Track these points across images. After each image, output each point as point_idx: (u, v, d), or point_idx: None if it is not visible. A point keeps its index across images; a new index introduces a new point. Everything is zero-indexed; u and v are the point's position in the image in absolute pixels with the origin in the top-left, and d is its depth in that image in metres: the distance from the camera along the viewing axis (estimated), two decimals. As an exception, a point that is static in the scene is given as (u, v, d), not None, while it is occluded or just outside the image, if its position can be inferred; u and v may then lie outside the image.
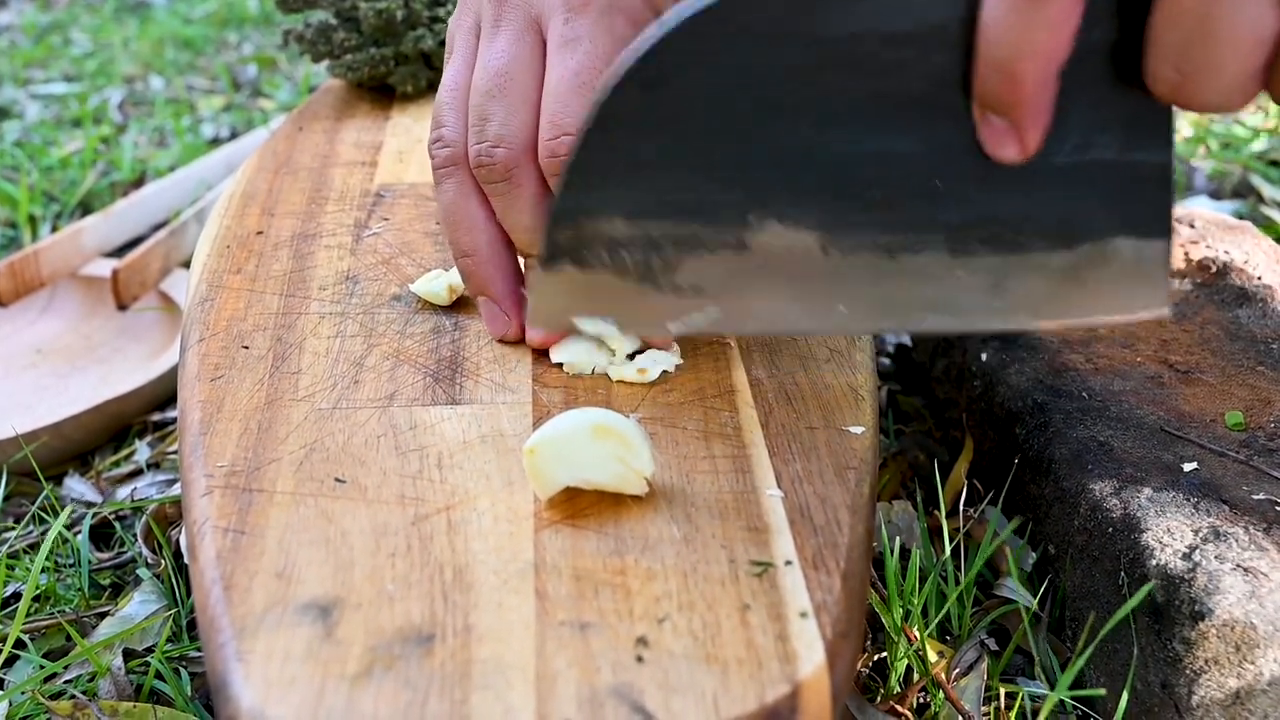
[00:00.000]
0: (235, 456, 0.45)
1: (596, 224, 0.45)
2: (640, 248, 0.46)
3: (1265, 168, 1.13)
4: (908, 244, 0.45)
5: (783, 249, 0.45)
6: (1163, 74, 0.38)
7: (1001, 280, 0.45)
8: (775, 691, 0.35)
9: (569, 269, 0.46)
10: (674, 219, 0.45)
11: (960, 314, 0.46)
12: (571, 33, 0.50)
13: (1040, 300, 0.46)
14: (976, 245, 0.45)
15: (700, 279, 0.46)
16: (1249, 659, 0.44)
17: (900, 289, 0.46)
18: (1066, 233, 0.45)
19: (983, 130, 0.42)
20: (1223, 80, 0.37)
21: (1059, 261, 0.45)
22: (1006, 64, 0.39)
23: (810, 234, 0.45)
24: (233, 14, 2.15)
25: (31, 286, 0.89)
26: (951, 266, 0.45)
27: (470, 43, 0.54)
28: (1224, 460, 0.52)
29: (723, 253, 0.46)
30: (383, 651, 0.36)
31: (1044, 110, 0.40)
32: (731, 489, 0.44)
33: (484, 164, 0.51)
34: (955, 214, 0.44)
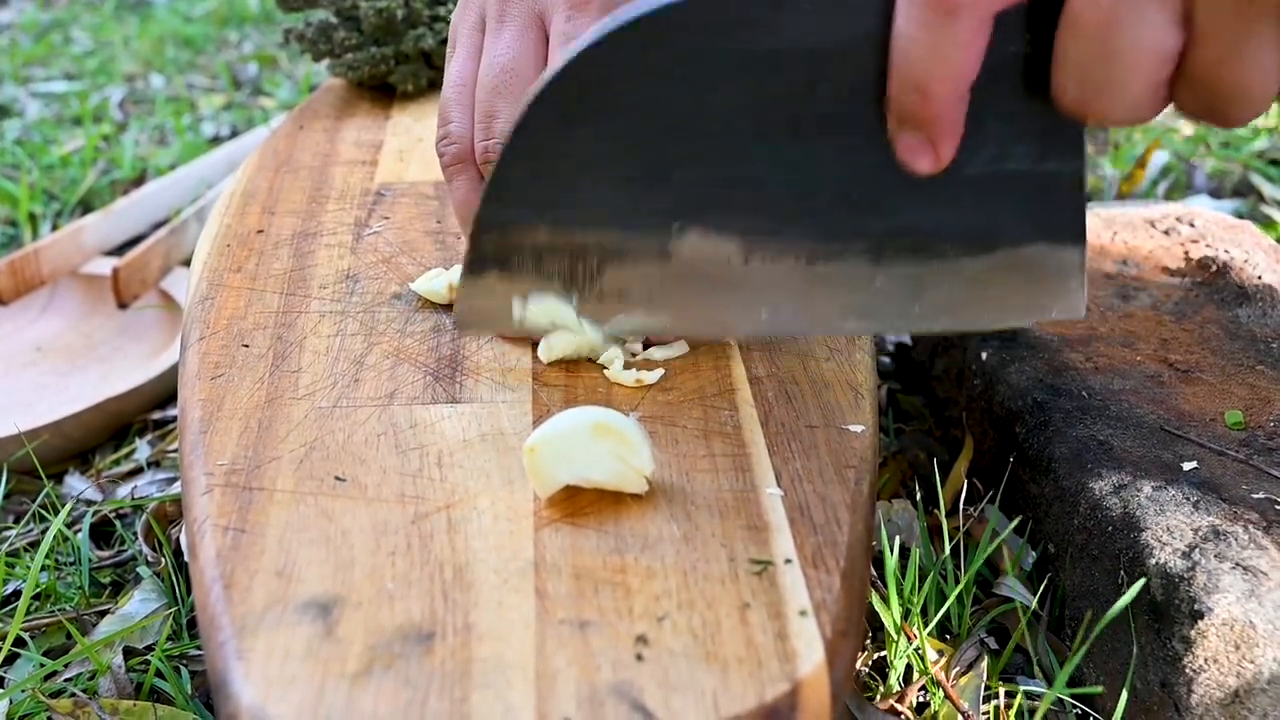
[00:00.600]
0: (235, 455, 0.45)
1: (521, 232, 0.46)
2: (565, 256, 0.47)
3: (1265, 166, 1.13)
4: (828, 252, 0.46)
5: (705, 257, 0.47)
6: (1068, 89, 0.39)
7: (920, 286, 0.47)
8: (775, 690, 0.35)
9: (494, 275, 0.47)
10: (597, 228, 0.46)
11: (880, 319, 0.48)
12: (573, 29, 0.51)
13: (958, 304, 0.47)
14: (895, 253, 0.46)
15: (624, 285, 0.47)
16: (1248, 657, 0.44)
17: (821, 295, 0.47)
18: (983, 240, 0.46)
19: (898, 144, 0.42)
20: (1126, 95, 0.38)
21: (976, 267, 0.46)
22: (918, 81, 0.40)
23: (732, 243, 0.46)
24: (233, 12, 2.15)
25: (32, 285, 0.89)
26: (872, 274, 0.47)
27: (474, 39, 0.55)
28: (1223, 459, 0.52)
29: (646, 261, 0.47)
30: (383, 650, 0.36)
31: (956, 124, 0.41)
32: (731, 487, 0.44)
33: (490, 160, 0.51)
34: (874, 223, 0.46)
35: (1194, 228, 0.73)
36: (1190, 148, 1.20)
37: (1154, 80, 0.37)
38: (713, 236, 0.46)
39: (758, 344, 0.53)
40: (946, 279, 0.47)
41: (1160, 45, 0.36)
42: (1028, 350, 0.62)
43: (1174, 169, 1.15)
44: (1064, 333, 0.64)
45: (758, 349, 0.53)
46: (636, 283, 0.48)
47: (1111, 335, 0.63)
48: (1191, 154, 1.19)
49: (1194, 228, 0.73)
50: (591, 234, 0.47)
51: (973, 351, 0.66)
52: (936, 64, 0.39)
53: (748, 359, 0.52)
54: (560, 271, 0.48)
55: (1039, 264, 0.46)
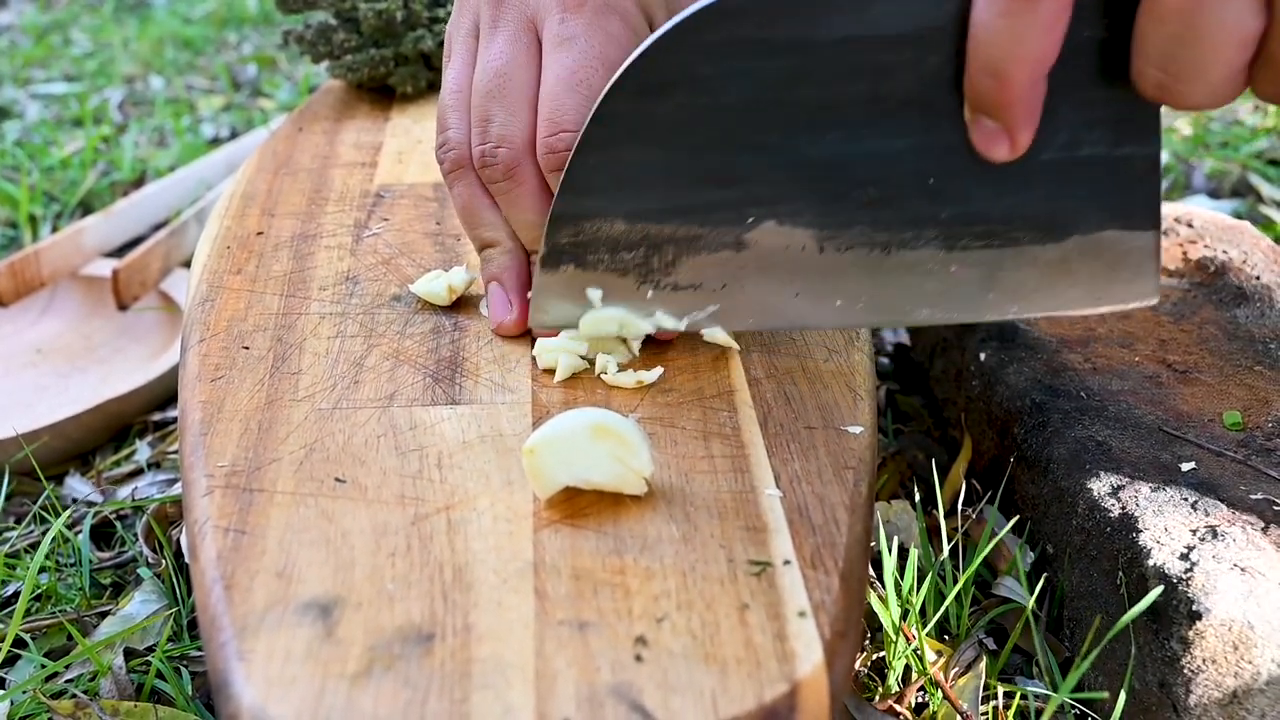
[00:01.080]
0: (236, 456, 0.45)
1: (596, 226, 0.47)
2: (640, 248, 0.47)
3: (1264, 167, 1.13)
4: (902, 240, 0.46)
5: (780, 247, 0.47)
6: (1148, 74, 0.39)
7: (995, 273, 0.47)
8: (774, 691, 0.35)
9: (570, 269, 0.48)
10: (673, 220, 0.46)
11: (954, 307, 0.47)
12: (566, 32, 0.51)
13: (1032, 291, 0.47)
14: (970, 240, 0.46)
15: (699, 277, 0.47)
16: (1246, 658, 0.44)
17: (895, 284, 0.47)
18: (1057, 226, 0.45)
19: (974, 131, 0.42)
20: (1207, 79, 0.38)
21: (1050, 254, 0.46)
22: (996, 67, 0.39)
23: (806, 232, 0.46)
24: (232, 14, 2.15)
25: (32, 286, 0.89)
26: (946, 261, 0.46)
27: (469, 45, 0.55)
28: (1222, 460, 0.52)
29: (721, 252, 0.47)
30: (383, 651, 0.36)
31: (1034, 111, 0.41)
32: (730, 489, 0.44)
33: (488, 164, 0.52)
34: (948, 210, 0.45)
35: (1192, 228, 0.73)
36: (1189, 148, 1.20)
37: (1235, 64, 0.37)
38: (787, 226, 0.46)
39: (757, 345, 0.53)
40: (1021, 265, 0.46)
41: (1242, 29, 0.36)
42: (1026, 351, 0.63)
43: (1172, 169, 1.15)
44: (1062, 333, 0.64)
45: (757, 350, 0.53)
46: (711, 274, 0.47)
47: (1110, 336, 0.63)
48: (1190, 154, 1.19)
49: (1192, 228, 0.73)
50: (667, 225, 0.47)
51: (971, 352, 0.66)
52: (1015, 49, 0.39)
53: (746, 360, 0.52)
54: (635, 263, 0.47)
55: (1113, 250, 0.46)
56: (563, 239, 0.47)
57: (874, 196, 0.45)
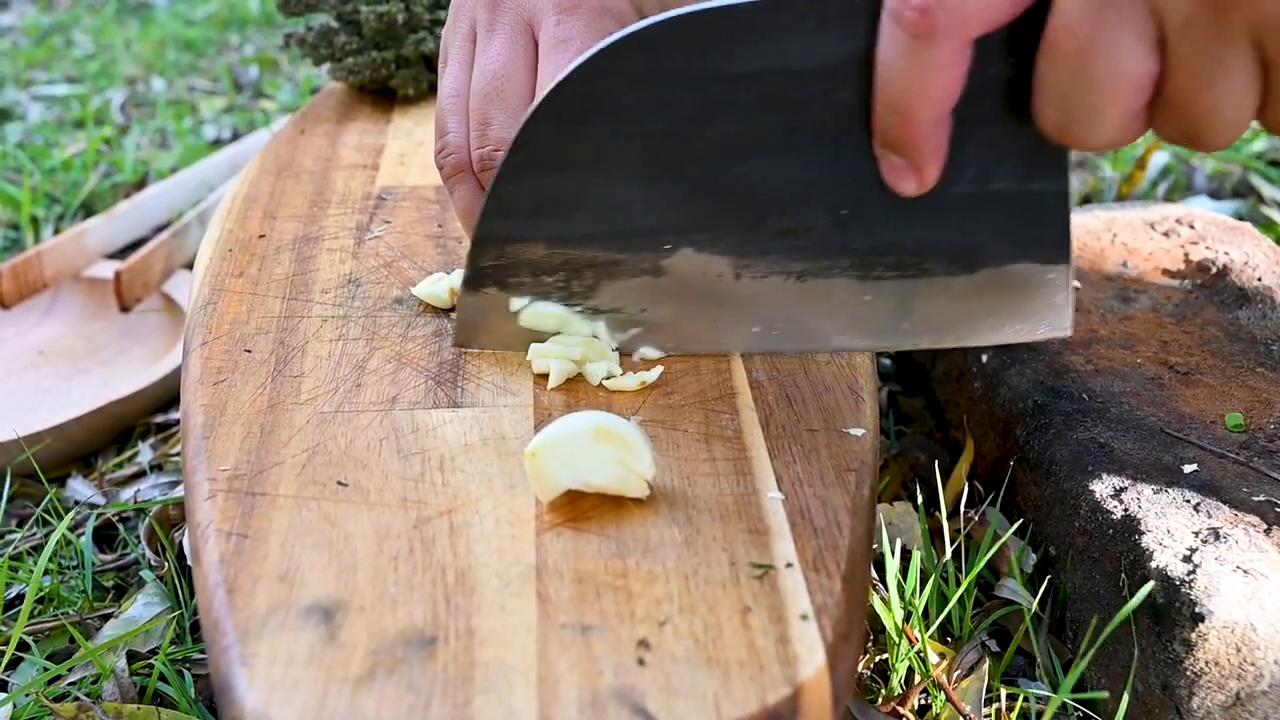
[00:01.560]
0: (238, 460, 0.45)
1: (518, 249, 0.48)
2: (561, 272, 0.48)
3: (1265, 168, 1.13)
4: (817, 269, 0.47)
5: (697, 274, 0.48)
6: (1048, 114, 0.40)
7: (909, 302, 0.48)
8: (776, 694, 0.35)
9: (493, 291, 0.49)
10: (592, 245, 0.48)
11: (870, 334, 0.49)
12: (563, 33, 0.52)
13: (947, 321, 0.48)
14: (882, 270, 0.47)
15: (619, 301, 0.49)
16: (1249, 661, 0.44)
17: (810, 311, 0.49)
18: (969, 258, 0.47)
19: (883, 166, 0.43)
20: (1105, 121, 0.38)
21: (963, 285, 0.47)
22: (899, 104, 0.40)
23: (723, 260, 0.48)
24: (234, 15, 2.16)
25: (34, 288, 0.89)
26: (859, 290, 0.48)
27: (466, 49, 0.56)
28: (1224, 462, 0.52)
29: (640, 277, 0.48)
30: (385, 654, 0.36)
31: (939, 148, 0.42)
32: (732, 491, 0.44)
33: (487, 167, 0.52)
34: (862, 241, 0.46)
35: (1194, 229, 0.73)
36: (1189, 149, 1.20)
37: (1131, 107, 0.38)
38: (704, 254, 0.47)
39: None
40: (934, 296, 0.48)
41: (1136, 72, 0.37)
42: (1028, 353, 0.63)
43: (1174, 170, 1.15)
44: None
45: (759, 354, 0.53)
46: (631, 298, 0.49)
47: (1112, 337, 0.63)
48: (1191, 155, 1.19)
49: (1194, 229, 0.73)
50: (587, 250, 0.48)
51: (973, 354, 0.66)
52: (916, 88, 0.39)
53: (748, 363, 0.52)
54: (556, 286, 0.49)
55: (1025, 282, 0.47)
56: (485, 262, 0.48)
57: (788, 226, 0.46)
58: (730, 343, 0.50)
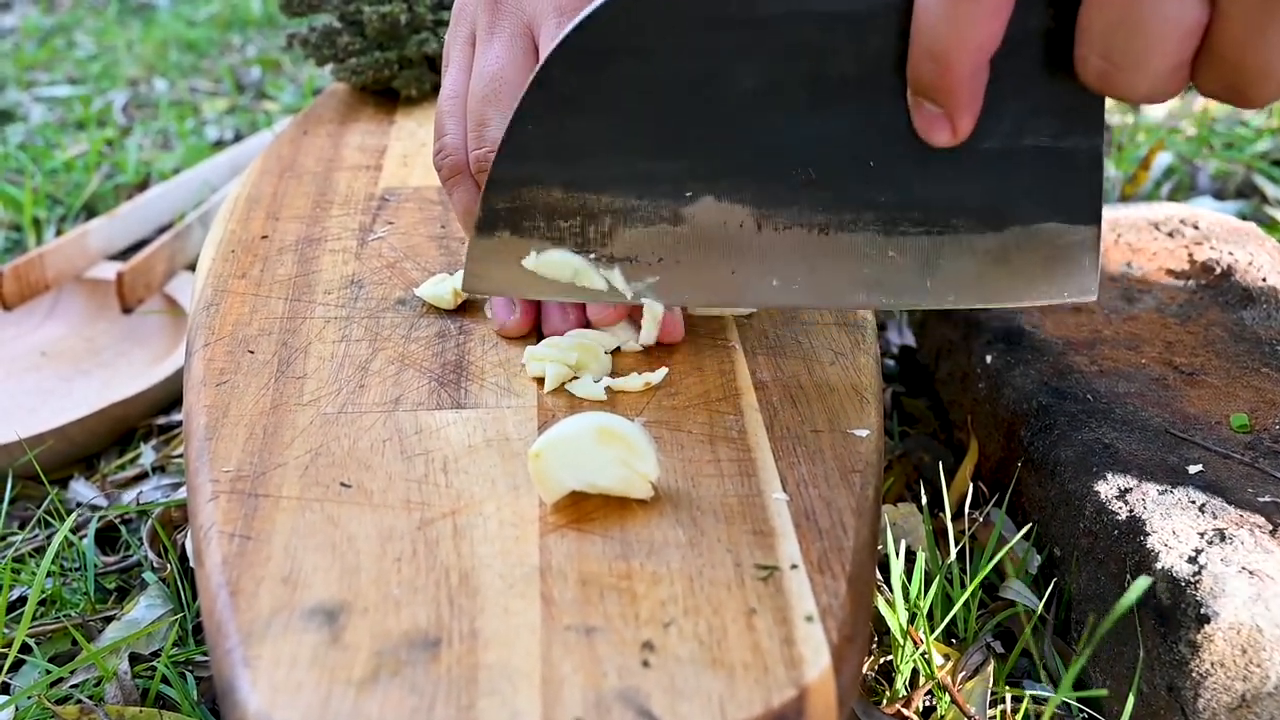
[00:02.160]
0: (241, 461, 0.45)
1: (533, 192, 0.46)
2: (577, 217, 0.47)
3: (1269, 168, 1.13)
4: (840, 222, 0.46)
5: (717, 223, 0.47)
6: (1091, 63, 0.39)
7: (933, 260, 0.46)
8: (781, 696, 0.35)
9: (505, 235, 0.48)
10: (610, 190, 0.46)
11: (892, 292, 0.47)
12: None
13: (970, 281, 0.47)
14: (908, 226, 0.46)
15: (636, 249, 0.48)
16: (1255, 662, 0.44)
17: (832, 266, 0.47)
18: (997, 216, 0.45)
19: (916, 115, 0.42)
20: (1149, 70, 0.37)
21: (989, 244, 0.46)
22: (939, 52, 0.39)
23: (745, 210, 0.46)
24: (236, 16, 2.16)
25: (36, 290, 0.89)
26: (883, 246, 0.46)
27: (466, 53, 0.56)
28: (1229, 462, 0.52)
29: (659, 225, 0.47)
30: (389, 656, 0.36)
31: (975, 98, 0.41)
32: (736, 492, 0.44)
33: (484, 168, 0.52)
34: (888, 195, 0.45)
35: (1198, 230, 0.73)
36: (1194, 149, 1.20)
37: (1177, 56, 0.37)
38: (725, 203, 0.46)
39: (762, 348, 0.53)
40: (959, 254, 0.46)
41: (1185, 20, 0.36)
42: (1032, 353, 0.62)
43: (1177, 170, 1.15)
44: (1068, 335, 0.64)
45: (762, 353, 0.53)
46: (648, 246, 0.47)
47: (1116, 338, 0.63)
48: (1195, 155, 1.19)
49: (1198, 230, 0.73)
50: (604, 196, 0.46)
51: (977, 355, 0.66)
52: (957, 35, 0.39)
53: (752, 363, 0.52)
54: (571, 232, 0.47)
55: (1052, 242, 0.46)
56: (498, 204, 0.47)
57: (813, 177, 0.45)
58: (748, 296, 0.48)
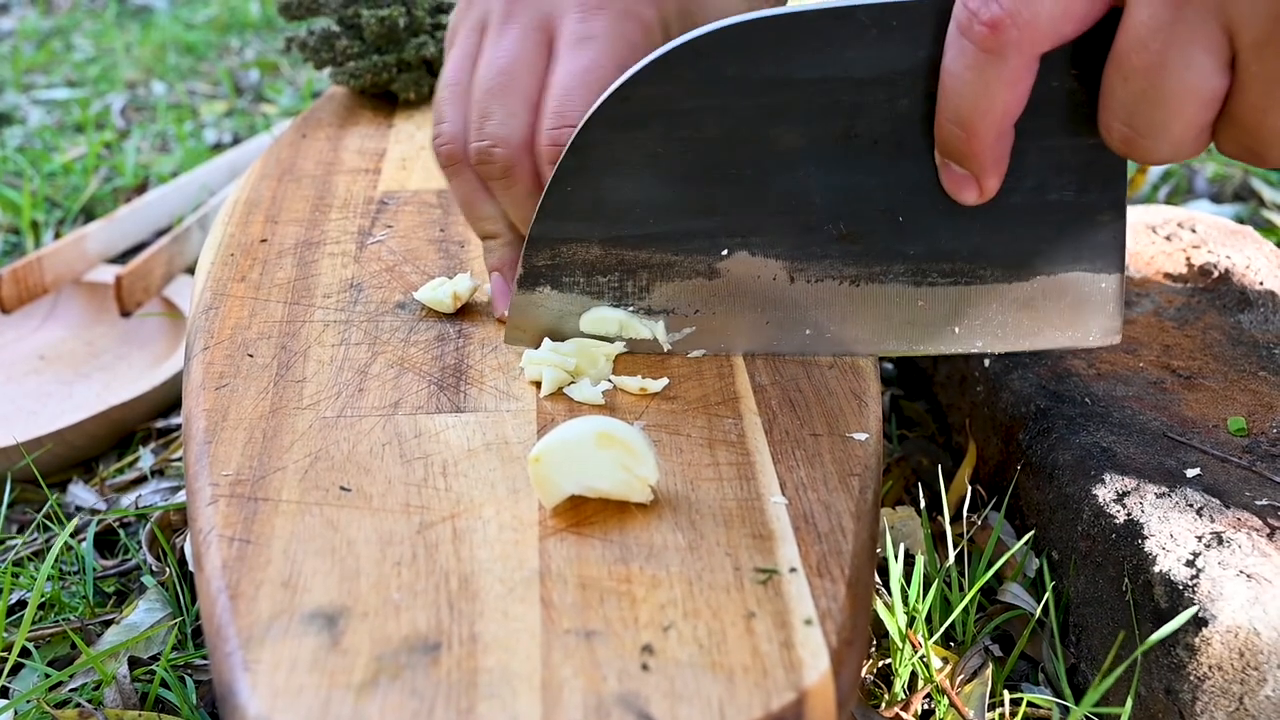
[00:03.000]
0: (240, 465, 0.45)
1: (573, 249, 0.48)
2: (615, 272, 0.49)
3: (1266, 171, 1.13)
4: (871, 274, 0.48)
5: (751, 276, 0.49)
6: (1114, 128, 0.40)
7: (961, 308, 0.48)
8: (781, 699, 0.35)
9: (546, 290, 0.50)
10: (648, 247, 0.48)
11: (921, 339, 0.50)
12: (586, 30, 0.51)
13: (998, 328, 0.49)
14: (937, 276, 0.48)
15: (673, 302, 0.50)
16: (1252, 665, 0.44)
17: (863, 315, 0.49)
18: (1023, 266, 0.47)
19: (944, 176, 0.44)
20: (1171, 136, 0.38)
21: (1016, 293, 0.48)
22: (964, 118, 0.41)
23: (778, 263, 0.48)
24: (234, 19, 2.16)
25: (35, 293, 0.89)
26: (913, 296, 0.48)
27: (473, 38, 0.55)
28: (1227, 466, 0.52)
29: (695, 279, 0.49)
30: (389, 660, 0.36)
31: (1000, 160, 0.42)
32: (736, 496, 0.44)
33: (483, 161, 0.52)
34: (917, 247, 0.47)
35: (1195, 233, 0.73)
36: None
37: (1199, 122, 0.38)
38: (759, 256, 0.48)
39: (761, 352, 0.53)
40: (986, 302, 0.48)
41: (1206, 89, 0.37)
42: (1030, 357, 0.63)
43: (1175, 174, 1.15)
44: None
45: (761, 357, 0.53)
46: (685, 299, 0.49)
47: (1114, 341, 0.63)
48: (1191, 160, 1.19)
49: (1195, 233, 0.73)
50: (642, 252, 0.48)
51: (976, 358, 0.66)
52: (982, 102, 0.40)
53: (751, 367, 0.52)
54: (610, 287, 0.49)
55: (1077, 291, 0.48)
56: (539, 261, 0.49)
57: (844, 231, 0.47)
58: (782, 344, 0.50)
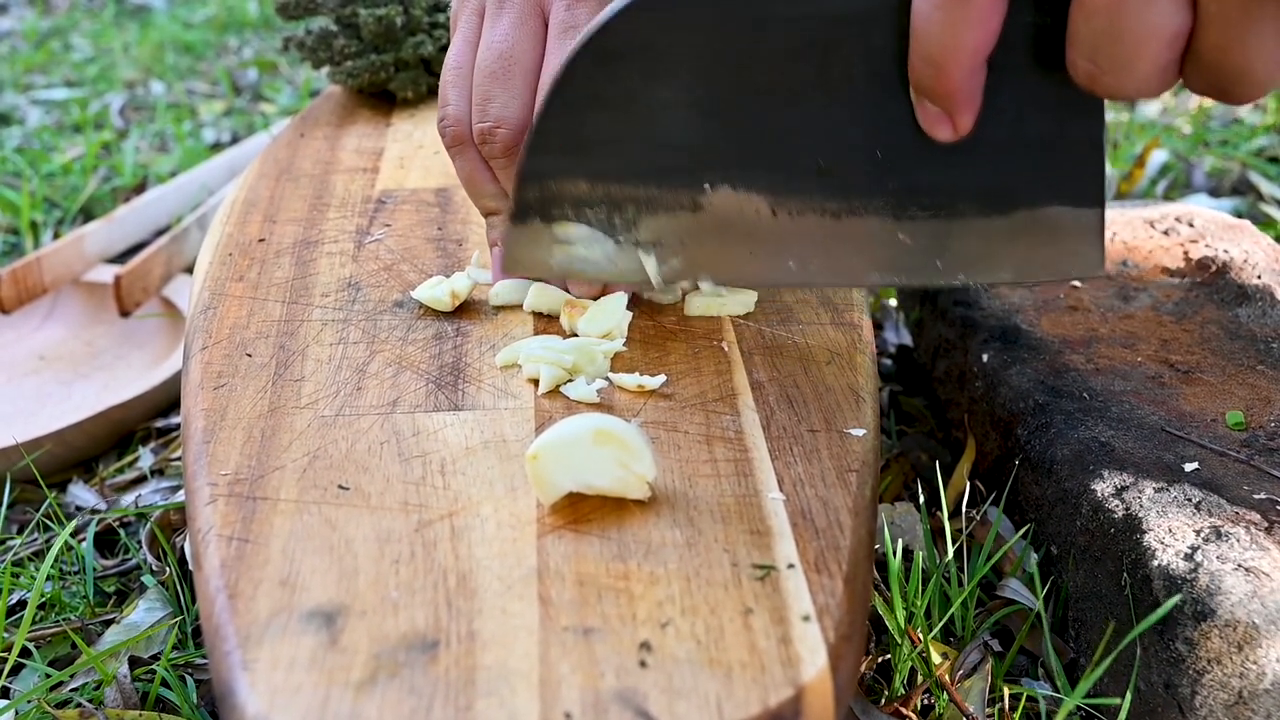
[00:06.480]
0: (239, 464, 0.45)
1: (561, 185, 0.49)
2: (603, 206, 0.49)
3: (1264, 164, 1.13)
4: (851, 209, 0.48)
5: (735, 210, 0.49)
6: (1080, 65, 0.40)
7: (943, 242, 0.48)
8: (778, 695, 0.35)
9: (537, 223, 0.50)
10: (633, 182, 0.49)
11: (902, 272, 0.49)
12: (572, 19, 0.53)
13: (980, 260, 0.49)
14: (916, 210, 0.48)
15: (659, 235, 0.50)
16: (1251, 659, 0.44)
17: (846, 249, 0.49)
18: (1003, 201, 0.47)
19: (919, 113, 0.44)
20: (1136, 73, 0.39)
21: (996, 226, 0.48)
22: (935, 57, 0.41)
23: (760, 197, 0.48)
24: (232, 18, 2.16)
25: (34, 293, 0.89)
26: (894, 230, 0.48)
27: (474, 23, 0.58)
28: (1225, 460, 0.52)
29: (679, 213, 0.49)
30: (387, 658, 0.36)
31: (973, 97, 0.43)
32: (733, 492, 0.44)
33: (487, 141, 0.54)
34: (896, 182, 0.47)
35: (1193, 227, 0.73)
36: (1189, 146, 1.20)
37: (1162, 60, 0.38)
38: (741, 191, 0.48)
39: (759, 348, 0.53)
40: (968, 236, 0.48)
41: (1167, 27, 0.37)
42: (1029, 352, 0.63)
43: (1173, 168, 1.15)
44: (1064, 334, 0.64)
45: (759, 353, 0.53)
46: (670, 232, 0.49)
47: (1112, 336, 0.63)
48: (1190, 152, 1.19)
49: (1193, 227, 0.73)
50: (626, 187, 0.49)
51: (974, 353, 0.66)
52: (951, 40, 0.40)
53: (749, 364, 0.52)
54: (598, 220, 0.49)
55: (1058, 224, 0.47)
56: (530, 195, 0.49)
57: (824, 166, 0.47)
58: (767, 277, 0.50)
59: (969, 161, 0.46)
